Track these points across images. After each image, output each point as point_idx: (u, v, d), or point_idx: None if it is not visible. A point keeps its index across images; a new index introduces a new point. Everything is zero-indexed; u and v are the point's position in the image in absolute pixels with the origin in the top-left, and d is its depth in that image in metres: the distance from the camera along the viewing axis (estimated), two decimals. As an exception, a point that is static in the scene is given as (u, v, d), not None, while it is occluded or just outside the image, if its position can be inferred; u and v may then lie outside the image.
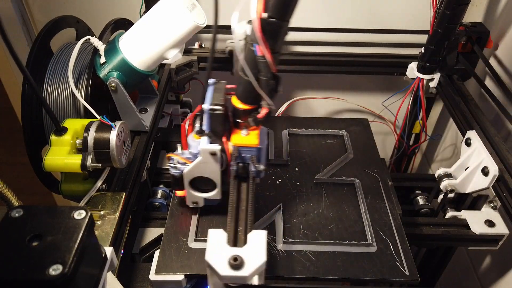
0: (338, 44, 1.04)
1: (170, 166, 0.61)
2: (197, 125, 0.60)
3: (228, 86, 0.60)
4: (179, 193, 0.65)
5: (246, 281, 0.46)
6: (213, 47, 0.52)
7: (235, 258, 0.46)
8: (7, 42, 0.50)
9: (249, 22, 0.87)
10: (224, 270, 0.45)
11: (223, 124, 0.58)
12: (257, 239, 0.48)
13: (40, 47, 0.68)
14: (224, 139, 0.58)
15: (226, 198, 0.59)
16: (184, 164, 0.60)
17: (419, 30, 1.02)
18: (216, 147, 0.57)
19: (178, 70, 0.95)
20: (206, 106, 0.56)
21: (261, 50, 0.48)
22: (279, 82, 0.53)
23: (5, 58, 1.15)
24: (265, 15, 0.46)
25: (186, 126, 0.63)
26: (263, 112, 0.56)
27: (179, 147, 0.63)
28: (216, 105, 0.56)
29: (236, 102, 0.57)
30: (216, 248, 0.48)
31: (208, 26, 0.73)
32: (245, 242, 0.50)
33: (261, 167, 0.59)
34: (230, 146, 0.59)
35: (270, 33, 0.47)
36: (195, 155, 0.60)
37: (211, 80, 0.60)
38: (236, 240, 0.52)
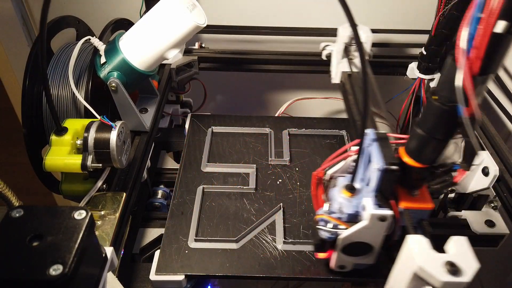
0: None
1: (322, 229, 0.55)
2: (342, 179, 0.55)
3: (390, 135, 0.55)
4: (321, 255, 0.58)
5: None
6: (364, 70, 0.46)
7: (452, 264, 0.42)
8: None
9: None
10: (443, 276, 0.42)
11: (394, 186, 0.52)
12: (459, 245, 0.46)
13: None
14: (392, 201, 0.52)
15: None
16: (338, 227, 0.54)
17: (420, 30, 1.01)
18: (388, 213, 0.50)
19: (178, 70, 0.95)
20: (380, 165, 0.50)
21: (469, 110, 0.41)
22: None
23: (5, 58, 1.15)
24: (479, 72, 0.39)
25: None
26: (460, 176, 0.50)
27: (326, 206, 0.56)
28: (392, 164, 0.50)
29: (409, 160, 0.50)
30: (425, 254, 0.44)
31: (208, 26, 0.73)
32: (443, 249, 0.46)
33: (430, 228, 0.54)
34: (398, 207, 0.53)
35: (479, 90, 0.40)
36: (349, 216, 0.53)
37: (371, 133, 0.54)
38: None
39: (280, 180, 0.75)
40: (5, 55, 1.15)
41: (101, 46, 0.71)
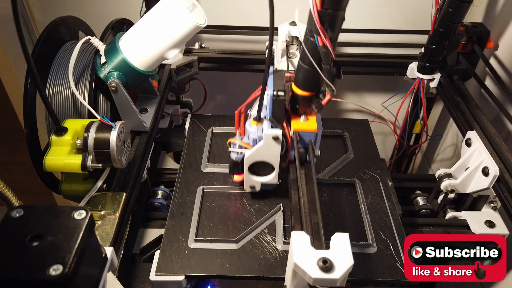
0: (338, 44, 1.04)
1: (232, 151, 0.65)
2: (253, 112, 0.63)
3: (287, 74, 0.63)
4: (236, 178, 0.69)
5: (337, 284, 0.45)
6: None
7: (324, 261, 0.45)
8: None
9: (292, 23, 0.89)
10: (315, 272, 0.44)
11: (284, 110, 0.61)
12: (340, 242, 0.47)
13: (42, 47, 0.68)
14: (284, 124, 0.62)
15: (282, 183, 0.66)
16: (244, 148, 0.64)
17: (419, 30, 1.01)
18: (279, 132, 0.60)
19: (178, 70, 0.95)
20: (270, 92, 0.59)
21: (321, 40, 0.50)
22: (340, 68, 0.54)
23: (5, 58, 1.15)
24: (322, 7, 0.48)
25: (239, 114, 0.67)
26: (326, 98, 0.58)
27: (237, 133, 0.66)
28: (279, 91, 0.59)
29: (296, 89, 0.60)
30: (303, 250, 0.46)
31: (208, 26, 0.73)
32: (327, 245, 0.48)
33: (318, 152, 0.63)
34: (290, 131, 0.62)
35: (329, 24, 0.50)
36: (254, 140, 0.63)
37: (271, 69, 0.63)
38: (320, 242, 0.50)
39: (280, 181, 0.75)
40: (5, 55, 1.14)
41: (101, 46, 0.71)
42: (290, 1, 0.73)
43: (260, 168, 0.66)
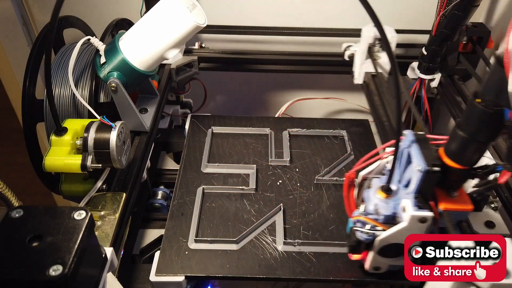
0: (338, 43, 1.04)
1: (359, 230, 0.54)
2: (376, 181, 0.55)
3: (429, 136, 0.54)
4: (355, 257, 0.58)
5: None
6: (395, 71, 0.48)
7: None
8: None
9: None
10: None
11: (435, 186, 0.52)
12: (509, 248, 0.46)
13: (41, 47, 0.68)
14: (431, 202, 0.52)
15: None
16: (376, 229, 0.53)
17: (420, 30, 1.01)
18: (429, 214, 0.50)
19: (178, 70, 0.95)
20: (422, 166, 0.50)
21: None
22: None
23: (5, 58, 1.15)
24: None
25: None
26: (504, 176, 0.48)
27: (362, 207, 0.56)
28: (434, 165, 0.49)
29: (448, 161, 0.50)
30: None
31: (208, 26, 0.73)
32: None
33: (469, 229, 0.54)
34: (437, 208, 0.53)
35: None
36: (385, 217, 0.53)
37: (409, 134, 0.54)
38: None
39: (280, 181, 0.75)
40: (5, 55, 1.14)
41: (101, 46, 0.71)
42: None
43: (392, 248, 0.54)
